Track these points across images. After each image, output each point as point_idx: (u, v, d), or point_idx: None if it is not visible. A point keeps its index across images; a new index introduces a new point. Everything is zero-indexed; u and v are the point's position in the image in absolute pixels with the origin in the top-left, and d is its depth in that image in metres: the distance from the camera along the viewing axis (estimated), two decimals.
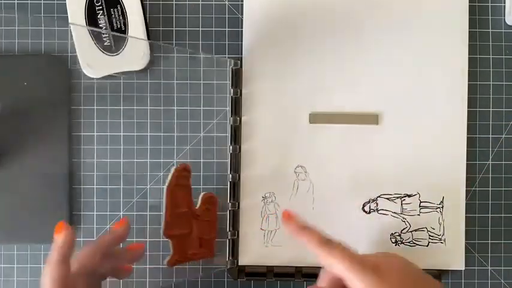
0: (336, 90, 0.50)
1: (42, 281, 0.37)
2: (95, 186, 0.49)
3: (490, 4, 0.51)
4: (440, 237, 0.49)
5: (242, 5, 0.50)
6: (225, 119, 0.49)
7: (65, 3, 0.50)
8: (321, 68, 0.50)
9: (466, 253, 0.49)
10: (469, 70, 0.50)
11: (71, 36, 0.48)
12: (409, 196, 0.50)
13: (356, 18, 0.50)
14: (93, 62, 0.48)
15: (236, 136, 0.49)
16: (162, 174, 0.49)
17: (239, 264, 0.49)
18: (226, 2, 0.51)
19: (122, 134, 0.50)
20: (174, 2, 0.50)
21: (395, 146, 0.50)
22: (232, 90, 0.49)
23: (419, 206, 0.49)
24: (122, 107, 0.50)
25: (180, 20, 0.50)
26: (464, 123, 0.50)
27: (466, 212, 0.49)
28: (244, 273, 0.49)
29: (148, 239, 0.49)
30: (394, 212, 0.50)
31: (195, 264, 0.48)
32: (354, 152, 0.50)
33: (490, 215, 0.50)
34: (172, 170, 0.43)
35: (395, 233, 0.50)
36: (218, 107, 0.50)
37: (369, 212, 0.50)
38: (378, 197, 0.50)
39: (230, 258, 0.49)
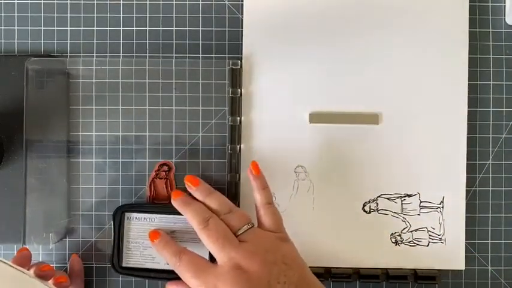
0: (336, 90, 0.50)
1: None
2: (93, 187, 0.49)
3: (490, 4, 0.51)
4: (440, 237, 0.49)
5: (242, 5, 0.50)
6: (224, 119, 0.49)
7: (66, 3, 0.50)
8: (321, 68, 0.50)
9: (466, 253, 0.49)
10: (469, 70, 0.50)
11: (71, 36, 0.48)
12: (409, 196, 0.50)
13: (356, 19, 0.50)
14: None
15: (236, 136, 0.49)
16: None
17: None
18: (226, 2, 0.51)
19: (120, 134, 0.49)
20: (174, 2, 0.51)
21: (395, 146, 0.50)
22: (231, 90, 0.49)
23: (420, 206, 0.49)
24: (120, 107, 0.50)
25: (180, 20, 0.50)
26: (464, 123, 0.50)
27: (466, 212, 0.49)
28: None
29: None
30: (394, 212, 0.50)
31: None
32: (354, 152, 0.50)
33: (490, 214, 0.50)
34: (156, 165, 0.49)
35: (395, 233, 0.50)
36: (217, 106, 0.50)
37: (369, 212, 0.50)
38: (378, 196, 0.50)
39: None
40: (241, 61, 0.50)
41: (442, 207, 0.49)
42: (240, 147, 0.49)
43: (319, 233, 0.49)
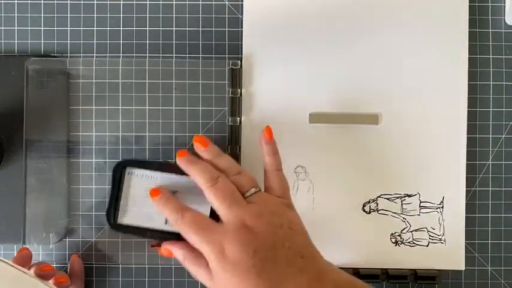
0: (336, 90, 0.50)
1: None
2: (93, 187, 0.49)
3: (490, 4, 0.51)
4: (440, 237, 0.49)
5: (242, 5, 0.50)
6: (224, 119, 0.49)
7: (66, 3, 0.50)
8: (321, 68, 0.50)
9: (466, 253, 0.49)
10: (469, 70, 0.50)
11: (71, 36, 0.48)
12: (409, 196, 0.50)
13: (356, 19, 0.50)
14: None
15: (235, 136, 0.49)
16: None
17: None
18: (226, 2, 0.51)
19: (120, 134, 0.49)
20: (174, 2, 0.51)
21: (395, 146, 0.50)
22: (230, 90, 0.49)
23: (420, 206, 0.49)
24: (120, 107, 0.50)
25: (180, 20, 0.50)
26: (464, 123, 0.50)
27: (466, 212, 0.49)
28: None
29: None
30: (394, 212, 0.50)
31: None
32: (354, 152, 0.50)
33: (490, 215, 0.50)
34: None
35: (395, 233, 0.50)
36: (217, 107, 0.50)
37: (369, 212, 0.50)
38: (378, 197, 0.50)
39: None
40: (241, 61, 0.50)
41: (442, 208, 0.49)
42: (240, 147, 0.49)
43: (319, 233, 0.49)
